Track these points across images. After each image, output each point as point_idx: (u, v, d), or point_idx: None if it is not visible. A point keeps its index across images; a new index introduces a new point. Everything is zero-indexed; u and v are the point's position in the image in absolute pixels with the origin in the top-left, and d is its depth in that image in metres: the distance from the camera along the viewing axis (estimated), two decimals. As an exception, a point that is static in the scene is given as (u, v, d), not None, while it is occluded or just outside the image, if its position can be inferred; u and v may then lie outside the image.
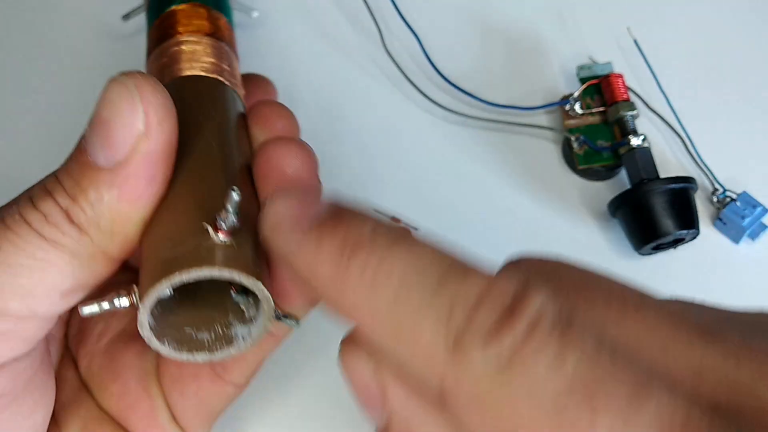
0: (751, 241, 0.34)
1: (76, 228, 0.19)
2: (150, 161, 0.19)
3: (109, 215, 0.19)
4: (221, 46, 0.28)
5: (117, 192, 0.19)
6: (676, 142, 0.35)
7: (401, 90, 0.37)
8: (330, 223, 0.17)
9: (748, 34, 0.38)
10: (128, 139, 0.19)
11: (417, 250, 0.17)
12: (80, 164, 0.19)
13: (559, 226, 0.34)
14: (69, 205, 0.19)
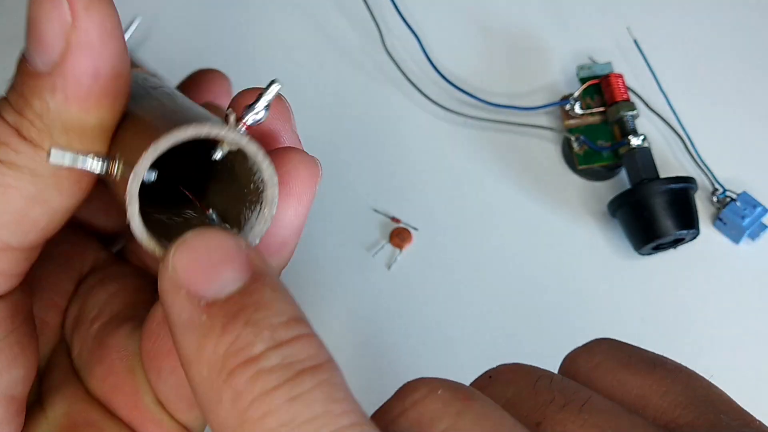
0: (751, 240, 0.34)
1: (29, 144, 0.17)
2: (86, 54, 0.17)
3: (60, 123, 0.17)
4: None
5: (61, 96, 0.17)
6: (676, 142, 0.35)
7: (401, 90, 0.37)
8: (223, 318, 0.15)
9: (749, 34, 0.38)
10: (57, 35, 0.17)
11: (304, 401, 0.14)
12: (22, 75, 0.17)
13: (559, 226, 0.34)
14: (17, 120, 0.17)
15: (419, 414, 0.16)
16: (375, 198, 0.35)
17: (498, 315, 0.33)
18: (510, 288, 0.33)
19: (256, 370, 0.14)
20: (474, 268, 0.34)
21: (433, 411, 0.16)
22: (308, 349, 0.15)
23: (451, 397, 0.16)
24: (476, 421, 0.15)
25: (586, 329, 0.32)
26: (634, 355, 0.18)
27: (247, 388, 0.14)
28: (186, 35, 0.39)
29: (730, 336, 0.32)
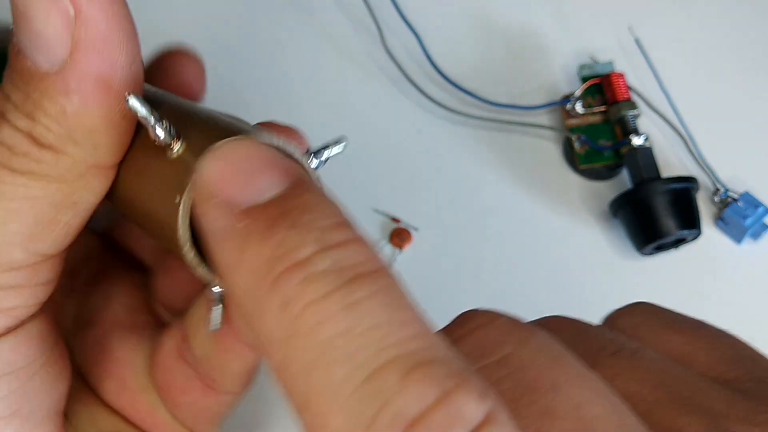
0: (753, 241, 0.34)
1: (49, 150, 0.16)
2: (98, 47, 0.15)
3: (80, 126, 0.15)
4: None
5: (78, 97, 0.15)
6: (677, 141, 0.35)
7: (401, 89, 0.37)
8: (264, 221, 0.13)
9: (751, 32, 0.38)
10: (60, 32, 0.15)
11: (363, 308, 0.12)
12: (21, 71, 0.15)
13: (560, 226, 0.34)
14: (30, 126, 0.15)
15: (480, 339, 0.15)
16: (375, 198, 0.34)
17: (499, 315, 0.33)
18: (510, 288, 0.33)
19: (305, 275, 0.12)
20: (474, 268, 0.33)
21: (495, 337, 0.15)
22: (362, 253, 0.13)
23: (513, 327, 0.15)
24: (538, 350, 0.14)
25: (588, 330, 0.32)
26: (677, 317, 0.18)
27: (296, 295, 0.12)
28: (185, 34, 0.39)
29: (732, 337, 0.32)
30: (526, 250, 0.34)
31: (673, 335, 0.17)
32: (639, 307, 0.19)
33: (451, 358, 0.12)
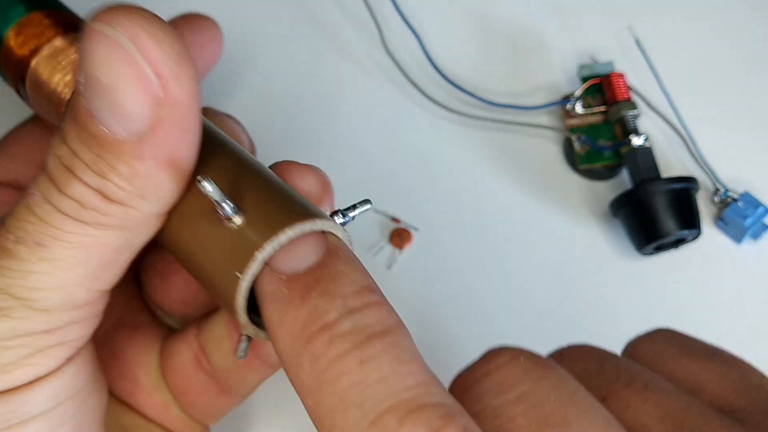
0: (753, 241, 0.34)
1: (118, 205, 0.17)
2: (179, 122, 0.16)
3: (150, 184, 0.17)
4: None
5: (152, 163, 0.16)
6: (677, 141, 0.35)
7: (401, 89, 0.37)
8: (301, 289, 0.16)
9: (751, 32, 0.38)
10: (146, 109, 0.16)
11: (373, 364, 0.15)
12: (93, 134, 0.16)
13: (560, 226, 0.34)
14: (100, 183, 0.16)
15: (501, 376, 0.17)
16: (375, 198, 0.34)
17: (498, 315, 0.33)
18: (510, 288, 0.33)
19: (330, 336, 0.15)
20: (474, 268, 0.34)
21: (514, 375, 0.17)
22: (377, 315, 0.16)
23: (533, 365, 0.18)
24: (553, 388, 0.16)
25: (588, 329, 0.32)
26: (693, 344, 0.20)
27: (323, 353, 0.15)
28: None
29: (731, 336, 0.32)
30: (526, 250, 0.34)
31: (689, 363, 0.19)
32: (659, 334, 0.20)
33: (443, 402, 0.15)
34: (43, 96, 0.22)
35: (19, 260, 0.17)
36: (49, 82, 0.22)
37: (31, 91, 0.22)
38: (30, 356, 0.17)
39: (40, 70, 0.22)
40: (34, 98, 0.22)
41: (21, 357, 0.17)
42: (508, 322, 0.32)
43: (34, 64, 0.22)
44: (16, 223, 0.17)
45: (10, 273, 0.17)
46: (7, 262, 0.17)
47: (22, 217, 0.17)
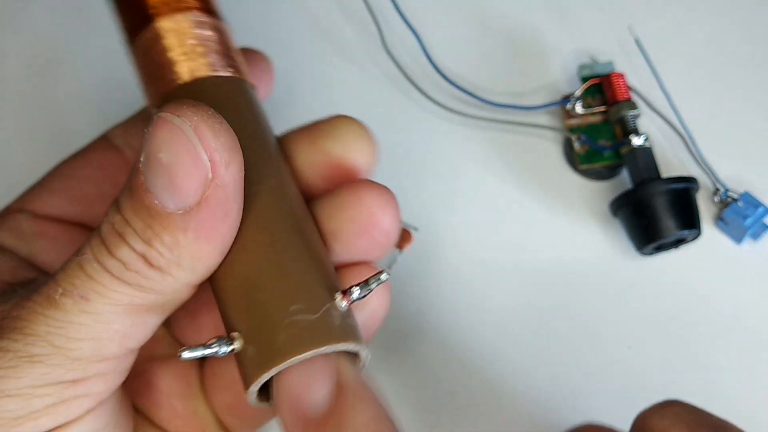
0: (753, 241, 0.34)
1: (158, 270, 0.19)
2: (222, 202, 0.19)
3: (188, 255, 0.19)
4: (215, 22, 0.23)
5: (193, 235, 0.19)
6: (677, 141, 0.35)
7: (401, 89, 0.37)
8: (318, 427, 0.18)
9: (751, 32, 0.38)
10: (197, 187, 0.18)
11: None
12: (146, 207, 0.19)
13: (560, 226, 0.34)
14: (145, 249, 0.19)
15: None
16: (375, 198, 0.34)
17: (497, 315, 0.33)
18: (510, 288, 0.33)
19: None
20: (474, 268, 0.34)
21: None
22: None
23: None
24: None
25: (587, 329, 0.32)
26: (701, 420, 0.21)
27: None
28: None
29: (731, 336, 0.32)
30: (525, 250, 0.34)
31: None
32: (669, 408, 0.21)
33: None
34: (154, 59, 0.22)
35: (63, 311, 0.19)
36: (170, 49, 0.22)
37: (144, 47, 0.22)
38: (55, 405, 0.19)
39: (165, 33, 0.22)
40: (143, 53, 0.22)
41: (47, 405, 0.19)
42: (506, 321, 0.32)
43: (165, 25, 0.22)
44: (66, 277, 0.19)
45: (53, 322, 0.19)
46: (52, 312, 0.19)
47: (72, 273, 0.19)
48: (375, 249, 0.23)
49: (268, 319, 0.19)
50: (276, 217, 0.21)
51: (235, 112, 0.21)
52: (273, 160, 0.22)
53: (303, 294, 0.20)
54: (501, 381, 0.31)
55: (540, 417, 0.31)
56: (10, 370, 0.19)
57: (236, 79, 0.23)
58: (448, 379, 0.31)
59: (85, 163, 0.25)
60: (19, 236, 0.24)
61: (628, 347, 0.32)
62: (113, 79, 0.37)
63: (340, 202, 0.23)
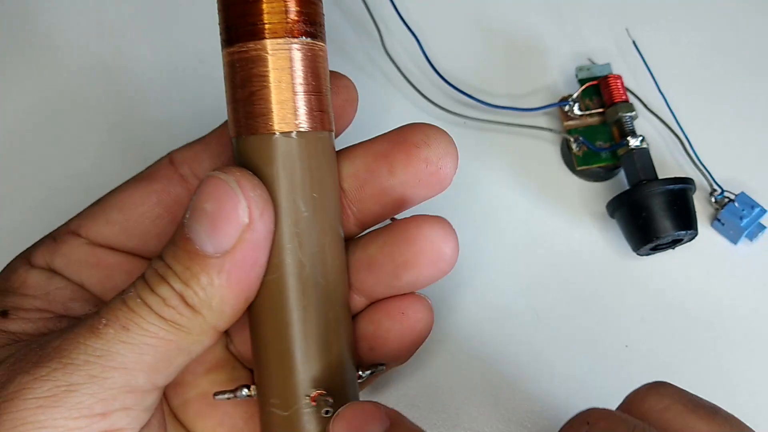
0: (749, 241, 0.34)
1: (191, 309, 0.21)
2: (254, 248, 0.21)
3: (218, 296, 0.21)
4: (323, 56, 0.23)
5: (226, 276, 0.21)
6: (674, 143, 0.35)
7: (401, 91, 0.37)
8: None
9: (747, 35, 0.39)
10: (234, 231, 0.21)
11: None
12: (187, 252, 0.21)
13: (557, 227, 0.34)
14: (183, 288, 0.21)
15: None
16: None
17: (495, 315, 0.33)
18: (508, 288, 0.33)
19: None
20: (473, 269, 0.34)
21: None
22: None
23: None
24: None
25: (584, 328, 0.32)
26: (697, 402, 0.22)
27: None
28: (182, 34, 0.39)
29: (727, 335, 0.32)
30: (523, 250, 0.34)
31: (696, 421, 0.21)
32: (665, 389, 0.22)
33: None
34: (248, 81, 0.22)
35: (103, 340, 0.21)
36: (267, 80, 0.22)
37: (242, 59, 0.22)
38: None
39: (267, 58, 0.22)
40: (238, 65, 0.22)
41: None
42: (504, 321, 0.33)
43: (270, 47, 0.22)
44: (109, 311, 0.21)
45: (92, 351, 0.20)
46: (92, 341, 0.21)
47: (115, 307, 0.21)
48: (434, 277, 0.26)
49: (262, 396, 0.23)
50: (291, 307, 0.23)
51: (309, 170, 0.23)
52: (325, 228, 0.23)
53: (278, 391, 0.23)
54: (499, 380, 0.31)
55: (537, 415, 0.31)
56: (49, 400, 0.20)
57: (317, 134, 0.23)
58: (447, 379, 0.32)
59: (146, 195, 0.26)
60: (74, 263, 0.25)
61: (626, 346, 0.32)
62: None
63: (406, 236, 0.25)
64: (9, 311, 0.24)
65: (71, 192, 0.35)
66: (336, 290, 0.23)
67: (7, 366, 0.21)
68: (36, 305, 0.24)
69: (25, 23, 0.39)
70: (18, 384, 0.20)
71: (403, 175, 0.25)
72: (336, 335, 0.23)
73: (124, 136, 0.36)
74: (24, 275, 0.25)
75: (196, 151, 0.26)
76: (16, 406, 0.20)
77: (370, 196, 0.25)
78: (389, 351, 0.26)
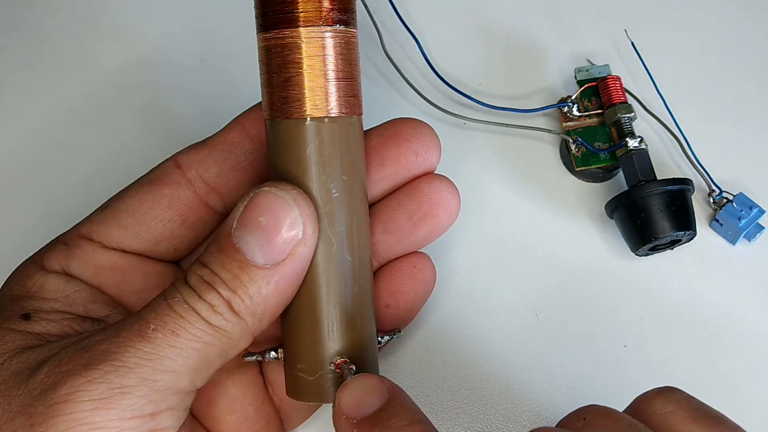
0: (748, 242, 0.34)
1: (237, 316, 0.22)
2: (302, 262, 0.23)
3: (263, 305, 0.23)
4: (355, 42, 0.24)
5: (273, 287, 0.22)
6: (673, 143, 0.36)
7: (400, 92, 0.37)
8: (367, 428, 0.20)
9: (745, 36, 0.39)
10: (288, 246, 0.22)
11: None
12: (237, 261, 0.22)
13: (556, 228, 0.35)
14: (230, 296, 0.22)
15: None
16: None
17: (494, 315, 0.33)
18: (508, 288, 0.33)
19: None
20: (472, 269, 0.34)
21: None
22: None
23: None
24: None
25: (583, 328, 0.33)
26: (702, 410, 0.22)
27: None
28: (182, 34, 0.39)
29: (725, 335, 0.32)
30: (522, 251, 0.34)
31: (698, 429, 0.21)
32: (672, 394, 0.22)
33: None
34: (283, 67, 0.23)
35: (153, 344, 0.21)
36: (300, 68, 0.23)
37: (278, 45, 0.23)
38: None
39: (301, 44, 0.23)
40: (274, 51, 0.23)
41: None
42: (503, 321, 0.33)
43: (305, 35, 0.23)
44: (156, 316, 0.22)
45: (143, 354, 0.21)
46: (143, 345, 0.21)
47: (162, 312, 0.22)
48: (445, 227, 0.28)
49: (289, 362, 0.25)
50: (320, 282, 0.24)
51: (339, 153, 0.24)
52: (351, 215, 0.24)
53: (306, 359, 0.24)
54: (498, 380, 0.32)
55: (537, 415, 0.31)
56: (104, 402, 0.20)
57: (347, 119, 0.24)
58: (446, 379, 0.32)
59: (157, 200, 0.27)
60: (90, 267, 0.26)
61: (624, 346, 0.32)
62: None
63: (420, 193, 0.27)
64: (31, 314, 0.24)
65: (73, 197, 0.35)
66: (362, 266, 0.25)
67: (52, 367, 0.21)
68: (56, 308, 0.24)
69: (26, 23, 0.39)
70: (71, 386, 0.20)
71: (394, 166, 0.27)
72: (360, 307, 0.25)
73: (122, 139, 0.37)
74: (41, 280, 0.25)
75: (202, 156, 0.27)
76: (71, 407, 0.20)
77: None
78: (402, 307, 0.28)
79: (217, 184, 0.27)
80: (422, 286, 0.28)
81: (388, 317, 0.28)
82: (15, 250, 0.28)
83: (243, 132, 0.27)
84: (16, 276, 0.26)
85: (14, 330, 0.23)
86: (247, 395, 0.27)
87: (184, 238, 0.27)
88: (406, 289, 0.28)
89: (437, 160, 0.28)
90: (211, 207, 0.27)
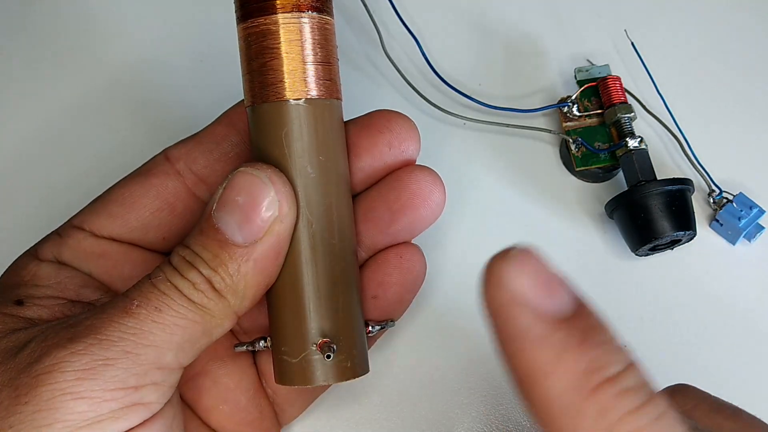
0: (748, 242, 0.34)
1: (217, 293, 0.23)
2: (280, 239, 0.23)
3: (243, 283, 0.23)
4: (330, 29, 0.25)
5: (252, 264, 0.23)
6: (672, 143, 0.36)
7: (400, 92, 0.37)
8: (578, 335, 0.16)
9: (745, 36, 0.39)
10: (264, 223, 0.23)
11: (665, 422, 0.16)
12: (217, 241, 0.23)
13: (556, 228, 0.35)
14: (211, 274, 0.23)
15: None
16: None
17: (497, 315, 0.33)
18: (508, 289, 0.33)
19: (619, 389, 0.16)
20: (472, 269, 0.34)
21: None
22: (644, 373, 0.17)
23: None
24: None
25: (584, 329, 0.33)
26: (720, 402, 0.22)
27: (613, 405, 0.16)
28: (181, 34, 0.39)
29: (726, 336, 0.33)
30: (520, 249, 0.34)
31: (723, 420, 0.21)
32: (689, 390, 0.22)
33: None
34: (261, 53, 0.24)
35: (137, 319, 0.22)
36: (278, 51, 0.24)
37: (255, 33, 0.24)
38: (118, 410, 0.21)
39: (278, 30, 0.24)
40: (252, 39, 0.24)
41: (112, 410, 0.21)
42: (505, 321, 0.33)
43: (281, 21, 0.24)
44: (140, 294, 0.22)
45: (126, 329, 0.22)
46: (126, 320, 0.22)
47: (146, 290, 0.22)
48: (427, 220, 0.28)
49: (275, 348, 0.25)
50: (300, 261, 0.24)
51: (315, 134, 0.24)
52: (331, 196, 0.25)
53: (289, 341, 0.24)
54: (499, 380, 0.32)
55: (537, 415, 0.31)
56: (88, 372, 0.21)
57: (325, 102, 0.25)
58: (447, 379, 0.32)
59: (145, 190, 0.27)
60: (81, 255, 0.26)
61: (624, 346, 0.32)
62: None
63: (399, 183, 0.27)
64: (24, 300, 0.24)
65: (71, 193, 0.35)
66: (343, 246, 0.25)
67: (38, 342, 0.22)
68: (48, 293, 0.25)
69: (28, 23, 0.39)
70: (55, 357, 0.21)
71: (368, 158, 0.27)
72: (343, 287, 0.25)
73: (123, 139, 0.37)
74: (34, 269, 0.26)
75: (189, 148, 0.28)
76: (54, 378, 0.20)
77: None
78: (390, 297, 0.28)
79: (205, 175, 0.27)
80: (410, 276, 0.28)
81: (377, 308, 0.28)
82: (14, 247, 0.28)
83: (230, 125, 0.28)
84: (12, 268, 0.26)
85: (6, 314, 0.24)
86: (240, 386, 0.28)
87: (172, 227, 0.27)
88: (392, 279, 0.28)
89: (415, 151, 0.28)
90: (199, 197, 0.28)
